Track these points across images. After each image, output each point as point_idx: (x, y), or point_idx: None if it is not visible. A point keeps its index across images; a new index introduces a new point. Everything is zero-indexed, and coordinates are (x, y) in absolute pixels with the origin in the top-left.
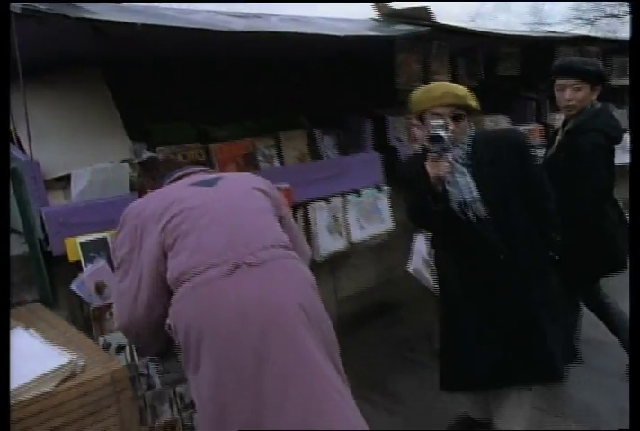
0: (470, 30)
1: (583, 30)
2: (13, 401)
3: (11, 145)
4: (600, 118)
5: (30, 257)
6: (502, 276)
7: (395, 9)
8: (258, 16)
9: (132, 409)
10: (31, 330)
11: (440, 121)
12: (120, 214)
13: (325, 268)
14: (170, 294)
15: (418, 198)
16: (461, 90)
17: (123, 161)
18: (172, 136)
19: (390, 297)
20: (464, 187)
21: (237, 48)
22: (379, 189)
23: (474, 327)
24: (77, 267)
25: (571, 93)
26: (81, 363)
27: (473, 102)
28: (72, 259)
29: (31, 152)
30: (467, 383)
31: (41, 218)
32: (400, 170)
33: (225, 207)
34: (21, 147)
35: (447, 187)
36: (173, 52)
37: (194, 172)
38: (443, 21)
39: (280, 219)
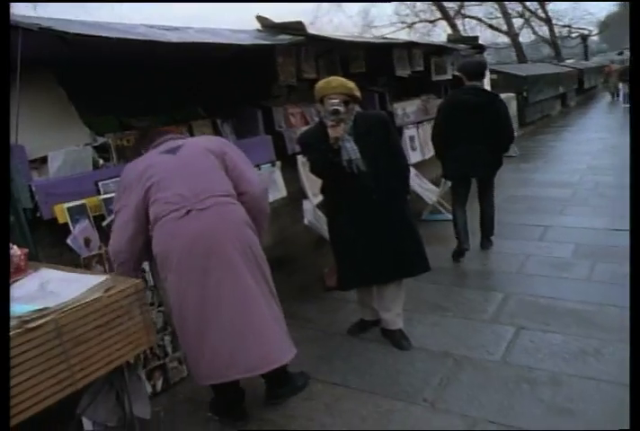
0: (331, 38)
1: (404, 33)
2: (77, 304)
3: None
4: None
5: (14, 224)
6: (375, 209)
7: (275, 22)
8: (177, 28)
9: (149, 312)
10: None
11: (337, 101)
12: (87, 186)
13: None
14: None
15: (321, 155)
16: (350, 83)
17: (86, 144)
18: (100, 126)
19: (287, 252)
20: (350, 149)
21: (154, 54)
22: (273, 164)
23: (356, 246)
24: (50, 232)
25: None
26: (112, 280)
27: (357, 93)
28: (61, 221)
29: (16, 138)
30: (355, 283)
31: (30, 191)
32: (303, 137)
33: (182, 169)
34: None
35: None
36: (103, 57)
37: (166, 140)
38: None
39: (226, 168)
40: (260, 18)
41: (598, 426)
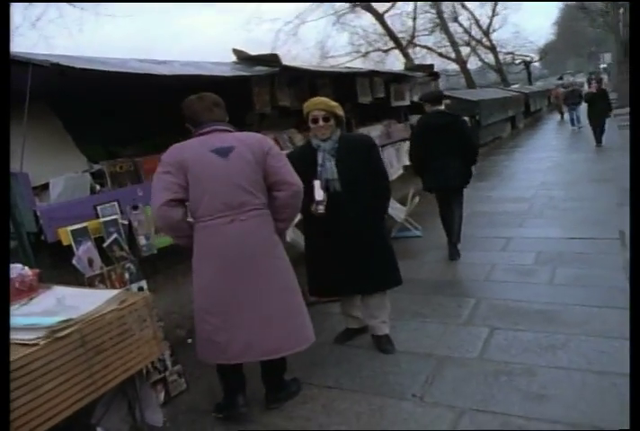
0: (302, 68)
1: (359, 62)
2: (97, 315)
3: None
4: None
5: (18, 247)
6: (351, 227)
7: (251, 55)
8: (163, 62)
9: (157, 322)
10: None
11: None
12: (87, 211)
13: None
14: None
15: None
16: (332, 103)
17: (84, 171)
18: (89, 155)
19: None
20: (329, 169)
21: (139, 86)
22: None
23: (328, 258)
24: (50, 254)
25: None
26: (123, 294)
27: (339, 112)
28: (65, 243)
29: (21, 166)
30: (324, 292)
31: (35, 216)
32: (291, 156)
33: (232, 176)
34: None
35: (319, 168)
36: (93, 89)
37: (213, 130)
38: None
39: (266, 173)
40: (236, 51)
41: (569, 408)
